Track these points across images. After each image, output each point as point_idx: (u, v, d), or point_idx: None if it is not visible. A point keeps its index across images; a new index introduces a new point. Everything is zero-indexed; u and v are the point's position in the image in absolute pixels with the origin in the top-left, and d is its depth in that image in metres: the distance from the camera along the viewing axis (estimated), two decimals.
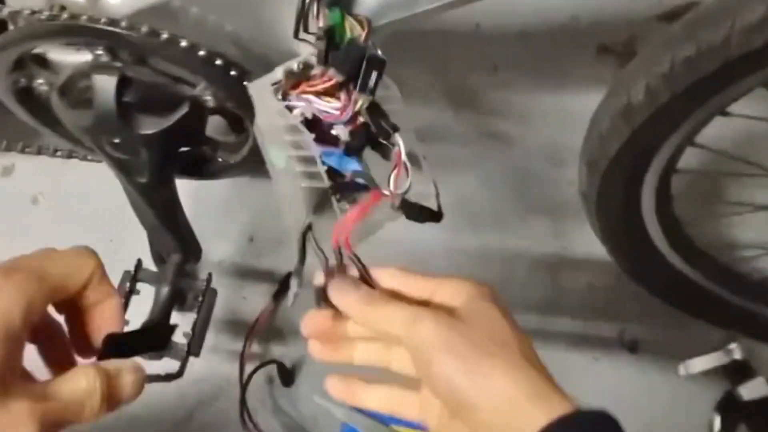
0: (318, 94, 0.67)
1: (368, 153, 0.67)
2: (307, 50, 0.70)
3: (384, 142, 0.66)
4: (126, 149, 0.94)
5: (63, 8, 1.00)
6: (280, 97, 0.66)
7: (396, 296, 0.57)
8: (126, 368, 0.52)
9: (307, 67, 0.68)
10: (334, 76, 0.67)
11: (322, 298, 0.59)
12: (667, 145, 0.87)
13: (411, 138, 0.67)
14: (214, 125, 1.02)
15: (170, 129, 0.91)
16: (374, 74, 0.68)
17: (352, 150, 0.66)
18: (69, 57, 0.94)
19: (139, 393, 0.53)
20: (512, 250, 1.40)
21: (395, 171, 0.64)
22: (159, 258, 1.13)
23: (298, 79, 0.68)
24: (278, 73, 0.67)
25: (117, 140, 0.93)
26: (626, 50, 1.56)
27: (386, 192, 0.62)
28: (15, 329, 0.47)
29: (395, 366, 0.60)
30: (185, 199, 1.07)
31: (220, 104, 0.91)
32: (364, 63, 0.67)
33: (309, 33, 0.72)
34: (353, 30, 0.75)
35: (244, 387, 1.21)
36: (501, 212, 1.43)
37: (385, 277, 0.59)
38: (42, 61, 0.95)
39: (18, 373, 0.48)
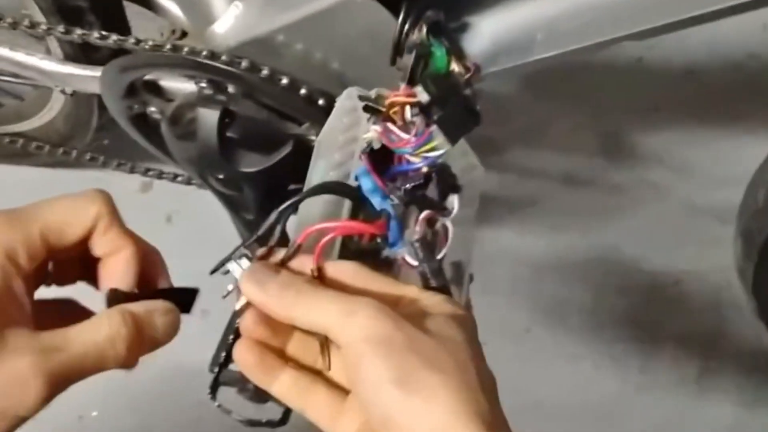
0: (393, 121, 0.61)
1: None
2: None
3: (433, 197, 0.60)
4: (230, 185, 0.91)
5: (184, 34, 1.00)
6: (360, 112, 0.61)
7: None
8: (157, 310, 0.48)
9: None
10: (418, 94, 0.60)
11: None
12: None
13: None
14: None
15: (273, 168, 0.86)
16: (463, 124, 0.61)
17: (397, 193, 0.59)
18: (179, 85, 0.91)
19: (174, 335, 0.49)
20: (663, 312, 1.26)
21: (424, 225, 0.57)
22: None
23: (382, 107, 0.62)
24: (372, 92, 0.62)
25: (221, 176, 0.90)
26: None
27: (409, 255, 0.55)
28: None
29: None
30: None
31: None
32: (457, 104, 0.61)
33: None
34: (456, 68, 0.68)
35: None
36: (651, 270, 1.31)
37: (339, 273, 0.48)
38: (155, 88, 0.93)
39: (16, 323, 0.44)
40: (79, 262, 0.51)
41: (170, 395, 1.23)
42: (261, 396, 0.57)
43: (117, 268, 0.50)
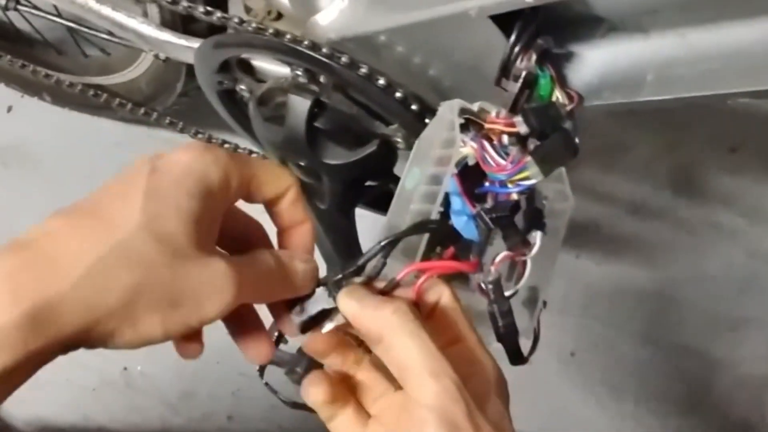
0: (491, 141, 0.63)
1: None
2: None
3: (516, 230, 0.61)
4: (310, 173, 0.92)
5: (280, 16, 1.00)
6: (459, 125, 0.62)
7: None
8: (298, 257, 0.53)
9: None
10: (517, 125, 0.61)
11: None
12: None
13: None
14: None
15: (356, 163, 0.87)
16: (560, 157, 0.61)
17: (484, 219, 0.61)
18: (273, 68, 0.92)
19: (310, 287, 0.54)
20: (714, 359, 1.25)
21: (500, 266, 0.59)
22: None
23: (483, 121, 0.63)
24: (475, 106, 0.63)
25: (302, 163, 0.90)
26: None
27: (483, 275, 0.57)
28: (213, 189, 0.48)
29: None
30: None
31: (409, 148, 0.85)
32: (555, 137, 0.61)
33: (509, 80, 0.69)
34: (559, 97, 0.68)
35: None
36: (707, 311, 1.29)
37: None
38: (247, 67, 0.94)
39: (214, 239, 0.49)
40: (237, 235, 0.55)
41: (214, 364, 1.25)
42: None
43: (301, 239, 0.56)
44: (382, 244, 0.52)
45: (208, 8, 0.88)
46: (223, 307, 0.47)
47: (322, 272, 0.55)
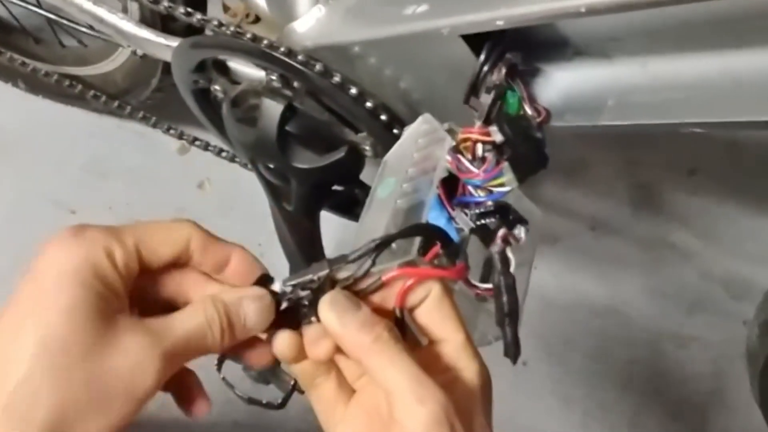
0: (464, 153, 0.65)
1: None
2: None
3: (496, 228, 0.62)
4: (278, 175, 0.94)
5: (257, 19, 1.01)
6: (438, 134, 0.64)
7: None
8: (247, 296, 0.50)
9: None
10: (493, 134, 0.64)
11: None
12: None
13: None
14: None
15: (324, 168, 0.89)
16: (532, 166, 0.65)
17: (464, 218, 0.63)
18: (248, 70, 0.94)
19: (267, 321, 0.50)
20: (661, 373, 1.28)
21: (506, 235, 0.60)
22: None
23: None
24: (445, 125, 0.66)
25: (271, 165, 0.92)
26: None
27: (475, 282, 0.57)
28: (98, 273, 0.45)
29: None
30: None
31: (378, 156, 0.87)
32: (528, 146, 0.65)
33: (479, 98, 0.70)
34: (528, 111, 0.71)
35: None
36: (659, 329, 1.32)
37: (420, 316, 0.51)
38: (223, 68, 0.95)
39: (121, 311, 0.46)
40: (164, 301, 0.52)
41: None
42: (264, 378, 0.58)
43: (240, 269, 0.52)
44: (375, 243, 0.50)
45: (189, 9, 0.89)
46: (157, 385, 0.45)
47: (285, 273, 0.55)
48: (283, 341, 0.51)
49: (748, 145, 1.44)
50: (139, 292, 0.49)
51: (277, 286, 0.52)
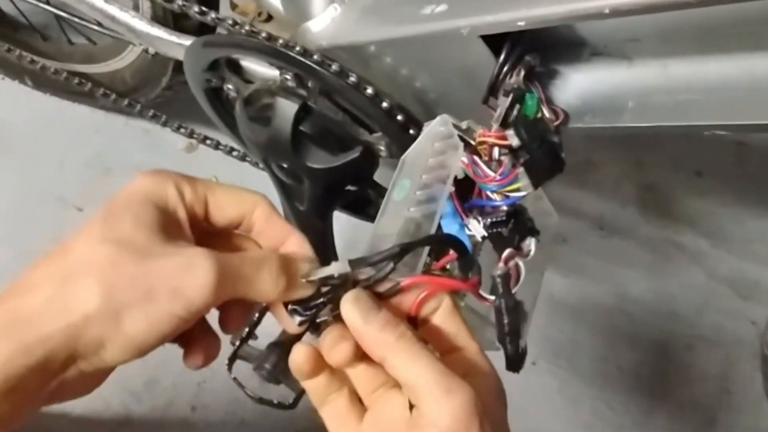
0: (480, 155, 0.65)
1: None
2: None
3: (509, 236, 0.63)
4: (291, 175, 0.93)
5: (269, 18, 1.01)
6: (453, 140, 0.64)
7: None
8: (301, 257, 0.52)
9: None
10: (509, 138, 0.63)
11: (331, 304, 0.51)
12: None
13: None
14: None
15: (338, 168, 0.88)
16: (548, 170, 0.64)
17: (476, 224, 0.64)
18: (261, 69, 0.93)
19: (312, 290, 0.52)
20: (669, 376, 1.28)
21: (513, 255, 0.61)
22: None
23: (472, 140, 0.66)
24: (464, 124, 0.66)
25: (285, 164, 0.92)
26: None
27: (483, 293, 0.57)
28: (165, 200, 0.50)
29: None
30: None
31: (392, 157, 0.87)
32: (544, 150, 0.64)
33: (497, 98, 0.69)
34: (546, 114, 0.71)
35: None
36: (667, 329, 1.32)
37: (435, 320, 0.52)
38: (236, 67, 0.95)
39: (185, 239, 0.50)
40: None
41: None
42: (275, 377, 0.57)
43: (295, 251, 0.53)
44: (399, 248, 0.51)
45: (203, 8, 0.89)
46: (206, 293, 0.46)
47: None
48: (300, 353, 0.51)
49: (755, 146, 1.45)
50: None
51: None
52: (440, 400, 0.45)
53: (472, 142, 0.66)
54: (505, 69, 0.70)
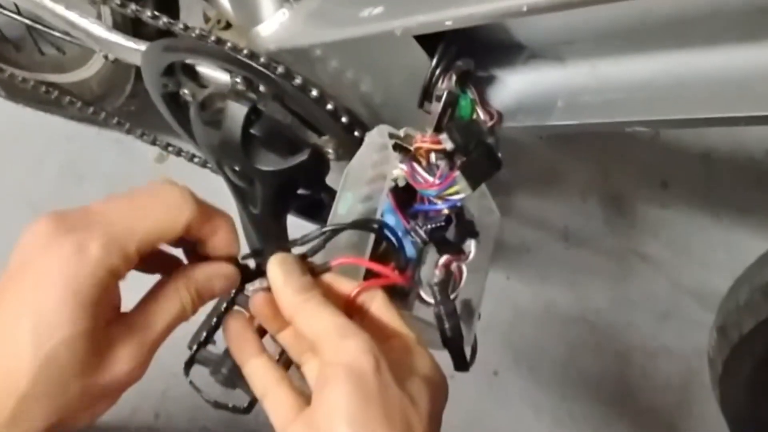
0: (419, 161, 0.66)
1: None
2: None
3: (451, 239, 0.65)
4: (244, 178, 0.94)
5: (228, 25, 1.03)
6: (390, 151, 0.66)
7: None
8: (217, 275, 0.52)
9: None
10: (443, 142, 0.65)
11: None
12: None
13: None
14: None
15: (287, 171, 0.89)
16: (485, 171, 0.65)
17: (418, 232, 0.65)
18: (215, 74, 0.95)
19: (230, 290, 0.53)
20: (631, 383, 1.29)
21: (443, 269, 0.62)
22: None
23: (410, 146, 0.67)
24: (401, 131, 0.67)
25: (237, 167, 0.93)
26: None
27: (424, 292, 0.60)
28: (88, 297, 0.45)
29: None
30: None
31: (339, 159, 0.88)
32: (479, 152, 0.65)
33: (432, 102, 0.72)
34: (481, 115, 0.72)
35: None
36: (629, 339, 1.33)
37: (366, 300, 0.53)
38: (191, 72, 0.97)
39: (110, 317, 0.47)
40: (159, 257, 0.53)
41: None
42: (231, 381, 0.58)
43: (226, 240, 0.52)
44: (325, 229, 0.54)
45: (155, 12, 0.90)
46: (143, 371, 0.48)
47: None
48: (232, 317, 0.54)
49: (720, 157, 1.46)
50: None
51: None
52: (336, 343, 0.46)
53: (411, 149, 0.67)
54: (437, 72, 0.72)
